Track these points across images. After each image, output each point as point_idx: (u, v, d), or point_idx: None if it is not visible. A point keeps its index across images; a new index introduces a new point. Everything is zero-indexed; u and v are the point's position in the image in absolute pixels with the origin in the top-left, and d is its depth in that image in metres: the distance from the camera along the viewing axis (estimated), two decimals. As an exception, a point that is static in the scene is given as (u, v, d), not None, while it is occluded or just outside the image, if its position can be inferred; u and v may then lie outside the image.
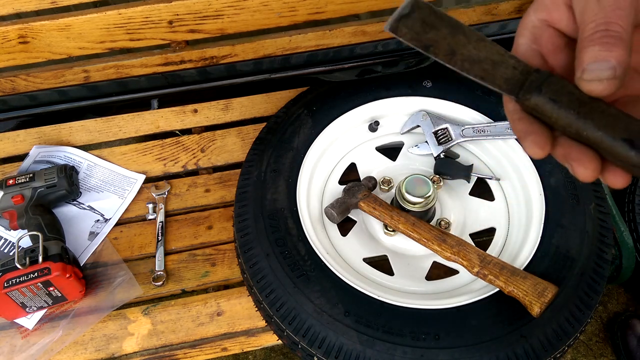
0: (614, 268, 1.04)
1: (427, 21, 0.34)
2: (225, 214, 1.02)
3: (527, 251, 0.78)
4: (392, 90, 0.95)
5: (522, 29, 0.38)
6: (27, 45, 1.00)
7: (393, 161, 0.96)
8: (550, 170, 0.83)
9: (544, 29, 0.38)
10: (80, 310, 0.89)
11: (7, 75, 1.05)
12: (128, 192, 1.05)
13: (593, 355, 1.30)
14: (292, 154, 0.88)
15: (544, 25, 0.37)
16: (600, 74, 0.31)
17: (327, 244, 0.83)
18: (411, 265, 0.83)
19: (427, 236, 0.77)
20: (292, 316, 0.71)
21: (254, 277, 0.75)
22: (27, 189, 0.95)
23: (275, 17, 1.03)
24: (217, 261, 0.95)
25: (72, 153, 1.08)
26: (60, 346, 0.85)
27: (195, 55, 1.06)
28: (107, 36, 1.01)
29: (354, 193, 0.85)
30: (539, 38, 0.38)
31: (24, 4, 0.95)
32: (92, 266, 0.94)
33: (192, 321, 0.88)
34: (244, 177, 0.86)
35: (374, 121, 0.96)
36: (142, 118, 1.10)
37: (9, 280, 0.81)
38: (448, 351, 0.66)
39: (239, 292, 0.90)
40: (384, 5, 1.06)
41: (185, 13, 1.00)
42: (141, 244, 0.98)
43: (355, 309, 0.70)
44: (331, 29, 1.07)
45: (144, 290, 0.91)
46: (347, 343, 0.68)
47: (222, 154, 1.10)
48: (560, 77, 0.34)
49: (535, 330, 0.68)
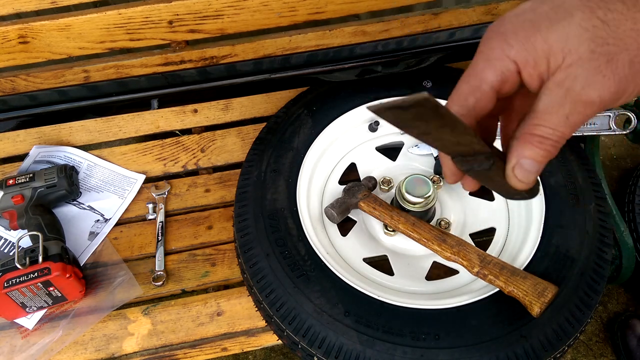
0: (614, 268, 1.04)
1: (420, 115, 0.31)
2: (225, 214, 1.02)
3: (527, 251, 0.78)
4: (392, 90, 0.95)
5: (495, 61, 0.37)
6: (27, 45, 1.00)
7: (393, 161, 0.96)
8: (551, 171, 0.83)
9: (514, 74, 0.37)
10: (80, 310, 0.89)
11: (7, 75, 1.05)
12: (128, 192, 1.05)
13: (593, 355, 1.30)
14: (292, 154, 0.88)
15: (516, 71, 0.37)
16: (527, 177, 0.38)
17: (327, 244, 0.83)
18: (411, 265, 0.83)
19: (427, 236, 0.77)
20: (292, 316, 0.71)
21: (254, 277, 0.75)
22: (27, 189, 0.95)
23: (275, 17, 1.03)
24: (217, 261, 0.95)
25: (72, 153, 1.08)
26: (60, 346, 0.85)
27: (195, 55, 1.06)
28: (107, 36, 1.01)
29: (354, 193, 0.85)
30: (505, 81, 0.37)
31: (24, 4, 0.96)
32: (92, 266, 0.94)
33: (192, 321, 0.88)
34: (244, 177, 0.86)
35: (374, 121, 0.96)
36: (142, 118, 1.10)
37: (9, 280, 0.81)
38: (448, 351, 0.66)
39: (239, 292, 0.90)
40: (384, 5, 1.06)
41: (185, 13, 1.00)
42: (141, 244, 0.98)
43: (355, 309, 0.70)
44: (331, 29, 1.07)
45: (144, 290, 0.91)
46: (347, 343, 0.68)
47: (222, 154, 1.10)
48: (493, 165, 0.39)
49: (535, 330, 0.68)
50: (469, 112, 0.38)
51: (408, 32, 1.10)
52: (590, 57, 0.33)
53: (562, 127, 0.36)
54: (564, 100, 0.35)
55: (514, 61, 0.36)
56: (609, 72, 0.34)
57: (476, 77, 0.37)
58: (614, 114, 0.88)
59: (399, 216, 0.80)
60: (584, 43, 0.33)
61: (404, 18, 1.09)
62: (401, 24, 1.09)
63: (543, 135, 0.36)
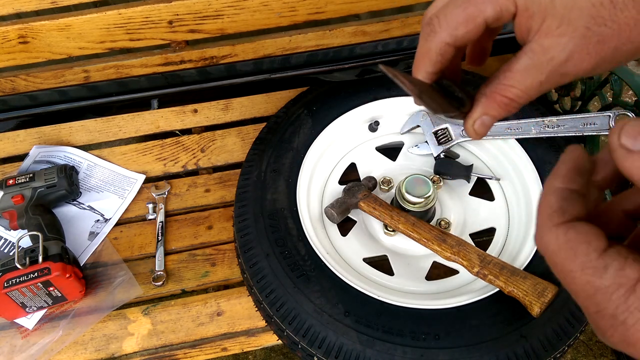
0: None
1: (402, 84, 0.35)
2: (225, 214, 1.02)
3: (527, 251, 0.78)
4: (392, 90, 0.95)
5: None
6: (27, 45, 1.00)
7: (393, 161, 0.96)
8: (550, 170, 0.83)
9: (509, 16, 0.36)
10: (80, 310, 0.89)
11: (7, 75, 1.05)
12: (128, 192, 1.05)
13: (593, 355, 1.30)
14: (292, 154, 0.88)
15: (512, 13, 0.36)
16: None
17: (327, 244, 0.83)
18: (411, 265, 0.83)
19: (427, 236, 0.77)
20: (292, 316, 0.71)
21: (254, 277, 0.75)
22: (27, 189, 0.95)
23: (275, 17, 1.03)
24: (217, 261, 0.95)
25: (72, 153, 1.08)
26: (60, 346, 0.85)
27: (195, 55, 1.06)
28: (107, 36, 1.01)
29: (354, 193, 0.85)
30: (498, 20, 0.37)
31: (24, 4, 0.96)
32: (92, 266, 0.94)
33: (192, 321, 0.88)
34: (244, 177, 0.86)
35: (374, 121, 0.96)
36: (142, 118, 1.10)
37: (9, 280, 0.81)
38: (448, 351, 0.66)
39: (239, 292, 0.90)
40: (384, 5, 1.06)
41: (185, 13, 1.00)
42: (141, 244, 0.98)
43: (355, 309, 0.70)
44: (331, 29, 1.07)
45: (144, 290, 0.91)
46: (347, 343, 0.68)
47: (222, 154, 1.10)
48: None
49: (535, 330, 0.68)
50: (455, 41, 0.37)
51: (408, 32, 1.10)
52: (584, 34, 0.33)
53: (533, 91, 0.36)
54: (544, 67, 0.35)
55: (515, 3, 0.35)
56: (594, 52, 0.34)
57: (475, 7, 0.35)
58: (614, 114, 0.87)
59: (399, 216, 0.80)
60: (584, 17, 0.33)
61: (404, 18, 1.09)
62: (401, 24, 1.09)
63: (513, 98, 0.36)
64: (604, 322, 0.25)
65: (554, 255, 0.27)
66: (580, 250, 0.26)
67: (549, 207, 0.28)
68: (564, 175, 0.29)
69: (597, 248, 0.25)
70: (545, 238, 0.27)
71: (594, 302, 0.25)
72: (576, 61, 0.34)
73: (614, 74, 0.90)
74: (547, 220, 0.27)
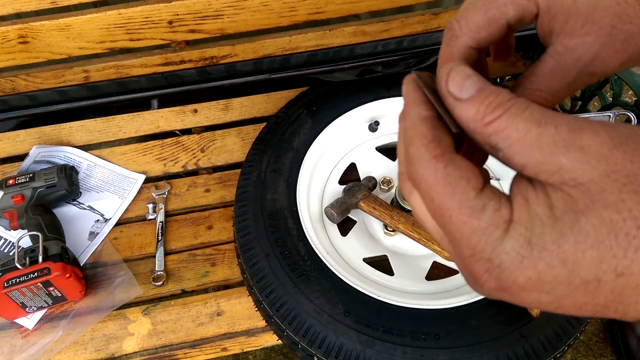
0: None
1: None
2: (225, 214, 1.02)
3: (527, 251, 0.77)
4: (392, 90, 0.95)
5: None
6: (27, 45, 1.00)
7: (393, 161, 0.96)
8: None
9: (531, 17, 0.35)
10: (80, 310, 0.89)
11: (7, 75, 1.05)
12: (128, 192, 1.05)
13: (593, 355, 1.30)
14: (292, 154, 0.88)
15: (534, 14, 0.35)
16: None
17: (327, 244, 0.83)
18: (411, 265, 0.83)
19: (427, 236, 0.77)
20: (292, 316, 0.71)
21: (254, 277, 0.75)
22: (27, 189, 0.95)
23: (275, 17, 1.03)
24: (217, 261, 0.95)
25: (72, 153, 1.08)
26: (60, 346, 0.85)
27: (195, 55, 1.06)
28: (107, 36, 1.01)
29: (354, 193, 0.85)
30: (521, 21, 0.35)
31: (24, 4, 0.96)
32: (92, 266, 0.94)
33: (192, 321, 0.88)
34: (244, 177, 0.86)
35: (374, 121, 0.96)
36: (142, 118, 1.10)
37: (9, 280, 0.81)
38: (448, 351, 0.66)
39: (239, 292, 0.90)
40: (384, 5, 1.06)
41: (185, 13, 1.00)
42: (141, 244, 0.98)
43: (355, 309, 0.70)
44: (331, 29, 1.07)
45: (144, 290, 0.91)
46: (347, 343, 0.68)
47: (222, 154, 1.10)
48: None
49: (535, 330, 0.68)
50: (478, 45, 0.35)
51: (408, 32, 1.10)
52: (609, 32, 0.33)
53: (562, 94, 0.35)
54: (572, 68, 0.34)
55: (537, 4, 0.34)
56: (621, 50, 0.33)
57: (497, 10, 0.34)
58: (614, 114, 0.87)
59: (399, 216, 0.80)
60: (609, 16, 0.33)
61: (404, 18, 1.09)
62: (401, 24, 1.09)
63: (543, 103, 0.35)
64: (479, 266, 0.23)
65: (431, 190, 0.25)
66: (459, 188, 0.24)
67: (423, 137, 0.25)
68: (426, 102, 0.26)
69: (475, 186, 0.24)
70: (421, 171, 0.25)
71: (469, 244, 0.23)
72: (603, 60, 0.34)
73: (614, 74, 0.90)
74: (424, 152, 0.25)
